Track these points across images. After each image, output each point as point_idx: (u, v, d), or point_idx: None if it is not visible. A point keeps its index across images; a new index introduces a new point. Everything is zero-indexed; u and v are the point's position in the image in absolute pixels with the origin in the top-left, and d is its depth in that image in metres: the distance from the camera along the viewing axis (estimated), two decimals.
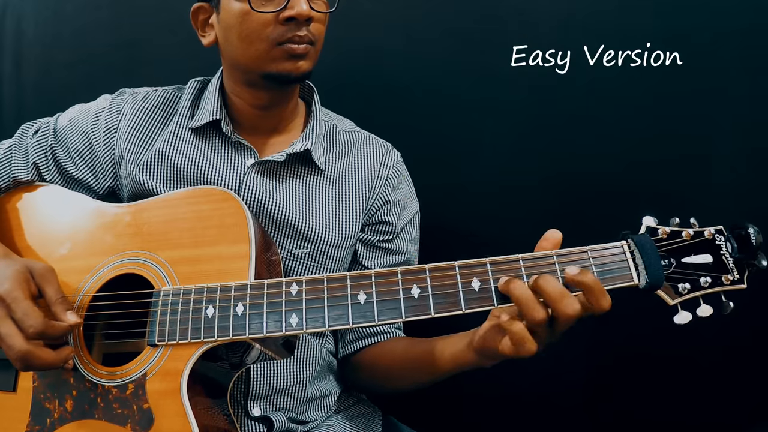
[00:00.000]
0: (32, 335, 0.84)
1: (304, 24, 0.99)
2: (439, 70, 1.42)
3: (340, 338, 1.19)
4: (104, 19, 1.53)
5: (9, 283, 0.87)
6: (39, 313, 0.86)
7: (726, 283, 0.79)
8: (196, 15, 1.08)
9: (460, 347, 0.95)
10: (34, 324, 0.84)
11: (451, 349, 0.98)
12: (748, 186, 1.38)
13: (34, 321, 0.84)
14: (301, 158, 1.11)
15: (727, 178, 1.38)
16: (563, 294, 0.76)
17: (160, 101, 1.15)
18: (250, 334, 0.85)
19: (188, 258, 0.94)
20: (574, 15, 1.40)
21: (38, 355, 0.85)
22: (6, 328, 0.85)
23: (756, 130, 1.38)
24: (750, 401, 1.38)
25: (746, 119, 1.38)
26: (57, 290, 0.90)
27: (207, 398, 0.91)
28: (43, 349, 0.86)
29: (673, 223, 0.82)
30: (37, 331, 0.84)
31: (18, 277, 0.88)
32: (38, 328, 0.84)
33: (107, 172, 1.12)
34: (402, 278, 0.82)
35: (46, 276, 0.91)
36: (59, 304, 0.89)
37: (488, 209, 1.42)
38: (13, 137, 1.15)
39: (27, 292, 0.87)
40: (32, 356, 0.85)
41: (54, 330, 0.86)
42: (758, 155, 1.38)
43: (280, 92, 1.09)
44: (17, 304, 0.85)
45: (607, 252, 0.80)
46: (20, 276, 0.88)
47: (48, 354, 0.86)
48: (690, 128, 1.39)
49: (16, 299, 0.85)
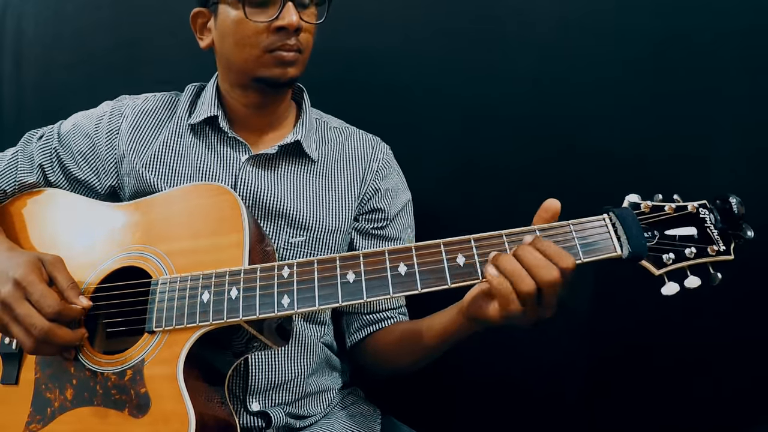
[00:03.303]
0: (50, 315, 0.89)
1: (293, 34, 1.06)
2: (437, 70, 1.44)
3: (346, 329, 1.22)
4: (104, 19, 1.57)
5: (23, 268, 0.92)
6: (55, 295, 0.91)
7: (712, 254, 0.80)
8: (195, 19, 1.15)
9: (449, 316, 1.00)
10: (52, 304, 0.89)
11: (440, 318, 1.03)
12: (748, 186, 1.35)
13: (51, 302, 0.89)
14: (293, 150, 1.17)
15: (727, 179, 1.37)
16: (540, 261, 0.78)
17: (159, 104, 1.21)
18: (243, 317, 0.87)
19: (185, 249, 0.97)
20: (574, 15, 1.41)
21: (58, 333, 0.90)
22: (25, 308, 0.89)
23: (756, 131, 1.38)
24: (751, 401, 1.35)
25: (746, 119, 1.38)
26: (68, 277, 0.95)
27: (204, 383, 0.92)
28: (62, 328, 0.90)
29: (657, 198, 0.84)
30: (54, 311, 0.89)
31: (30, 264, 0.93)
32: (56, 307, 0.89)
33: (109, 172, 1.17)
34: (389, 257, 0.85)
35: (56, 264, 0.96)
36: (71, 290, 0.93)
37: (487, 209, 1.42)
38: (17, 145, 1.21)
39: (41, 277, 0.92)
40: (53, 334, 0.89)
41: (70, 311, 0.91)
42: (758, 155, 1.37)
43: (271, 94, 1.15)
44: (34, 287, 0.90)
45: (590, 225, 0.82)
46: (32, 264, 0.93)
47: (66, 332, 0.91)
48: (690, 128, 1.38)
49: (32, 282, 0.90)
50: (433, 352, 1.08)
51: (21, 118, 1.23)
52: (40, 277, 0.92)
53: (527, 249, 0.80)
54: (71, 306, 0.91)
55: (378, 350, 1.18)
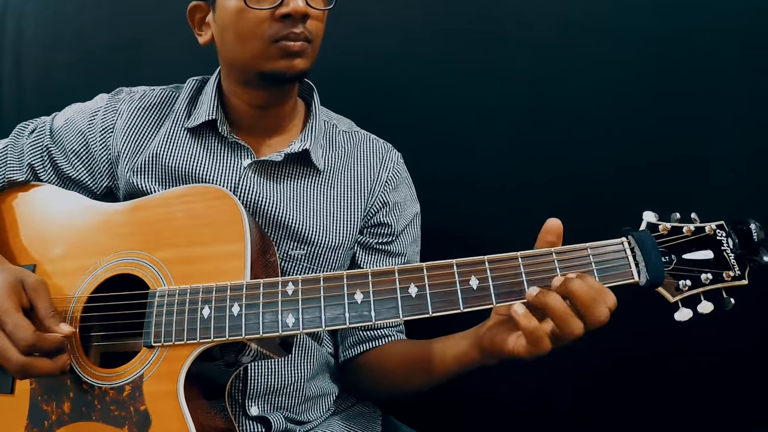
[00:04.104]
0: (24, 349, 0.84)
1: (300, 21, 0.97)
2: (438, 70, 1.42)
3: (340, 342, 1.17)
4: (104, 19, 1.53)
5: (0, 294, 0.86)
6: (30, 326, 0.85)
7: (727, 280, 0.78)
8: (193, 14, 1.08)
9: (463, 347, 0.94)
10: (25, 337, 0.84)
11: (453, 349, 0.96)
12: (748, 186, 1.37)
13: (24, 334, 0.84)
14: (299, 158, 1.10)
15: (727, 179, 1.38)
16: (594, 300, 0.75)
17: (157, 100, 1.14)
18: (246, 335, 0.84)
19: (183, 257, 0.93)
20: (574, 15, 1.39)
21: (35, 365, 0.85)
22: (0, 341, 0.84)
23: (756, 131, 1.38)
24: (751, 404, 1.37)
25: (746, 119, 1.38)
26: (49, 304, 0.89)
27: (204, 399, 0.90)
28: (40, 359, 0.85)
29: (674, 218, 0.82)
30: (28, 344, 0.84)
31: (8, 288, 0.87)
32: (29, 341, 0.84)
33: (104, 172, 1.12)
34: (399, 277, 0.81)
35: (38, 289, 0.90)
36: (51, 318, 0.88)
37: (487, 209, 1.41)
38: (8, 137, 1.15)
39: (18, 304, 0.87)
40: (30, 367, 0.84)
41: (47, 342, 0.85)
42: (758, 155, 1.38)
43: (278, 91, 1.07)
44: (8, 316, 0.85)
45: (607, 249, 0.79)
46: (11, 288, 0.87)
47: (45, 363, 0.86)
48: (690, 128, 1.39)
49: (7, 312, 0.85)
50: (442, 382, 1.00)
51: (21, 118, 1.19)
52: (17, 305, 0.86)
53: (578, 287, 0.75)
54: (48, 336, 0.85)
55: (375, 370, 1.11)
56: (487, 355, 0.89)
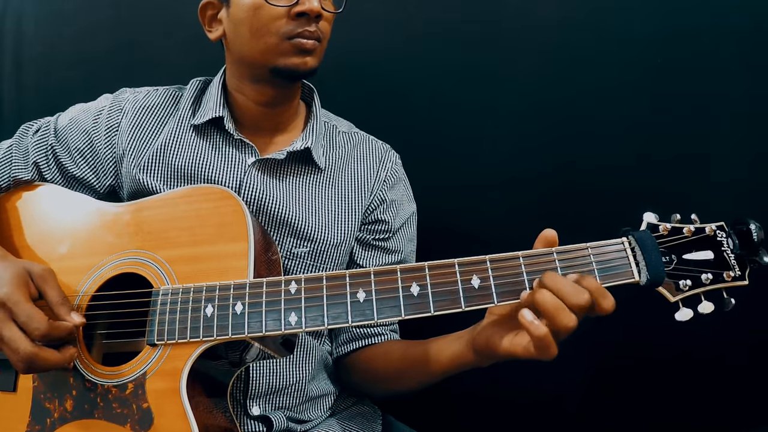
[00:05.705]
0: (38, 337, 0.84)
1: (314, 20, 1.01)
2: (439, 71, 1.43)
3: (333, 339, 1.18)
4: (104, 19, 1.53)
5: (8, 286, 0.86)
6: (43, 315, 0.86)
7: (727, 280, 0.79)
8: (204, 10, 1.10)
9: (458, 347, 0.94)
10: (39, 326, 0.84)
11: (448, 350, 0.96)
12: (748, 185, 1.38)
13: (38, 323, 0.84)
14: (301, 157, 1.12)
15: (727, 178, 1.38)
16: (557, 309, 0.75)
17: (161, 100, 1.15)
18: (249, 333, 0.85)
19: (187, 257, 0.93)
20: (574, 15, 1.40)
21: (43, 356, 0.85)
22: (10, 331, 0.84)
23: (755, 130, 1.39)
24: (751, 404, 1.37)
25: (746, 119, 1.38)
26: (58, 291, 0.90)
27: (207, 397, 0.90)
28: (48, 350, 0.86)
29: (674, 219, 0.82)
30: (42, 333, 0.84)
31: (17, 279, 0.88)
32: (43, 329, 0.84)
33: (108, 171, 1.12)
34: (401, 276, 0.82)
35: (45, 277, 0.90)
36: (62, 305, 0.89)
37: (488, 209, 1.42)
38: (13, 137, 1.15)
39: (27, 295, 0.87)
40: (37, 358, 0.85)
41: (59, 331, 0.86)
42: (758, 155, 1.38)
43: (286, 89, 1.10)
44: (19, 307, 0.85)
45: (608, 249, 0.79)
46: (19, 279, 0.88)
47: (53, 354, 0.86)
48: (690, 128, 1.39)
49: (18, 302, 0.85)
50: (437, 381, 1.01)
51: (21, 118, 1.20)
52: (27, 295, 0.87)
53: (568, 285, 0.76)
54: (60, 325, 0.86)
55: (369, 369, 1.12)
56: (481, 356, 0.90)
